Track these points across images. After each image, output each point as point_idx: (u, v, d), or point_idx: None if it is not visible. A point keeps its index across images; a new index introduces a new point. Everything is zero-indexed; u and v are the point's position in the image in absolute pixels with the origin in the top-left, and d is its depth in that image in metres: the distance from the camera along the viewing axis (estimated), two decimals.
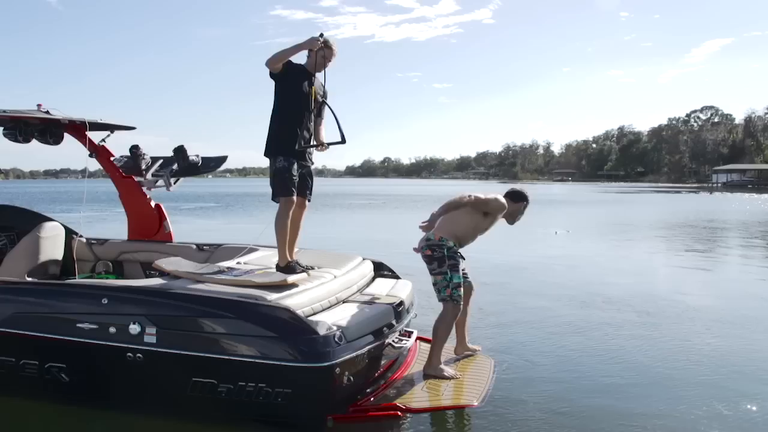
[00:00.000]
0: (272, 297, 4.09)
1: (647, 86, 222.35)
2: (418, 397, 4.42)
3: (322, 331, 3.89)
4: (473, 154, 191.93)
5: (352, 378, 4.03)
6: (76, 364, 4.28)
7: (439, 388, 4.59)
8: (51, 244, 6.15)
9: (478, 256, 6.12)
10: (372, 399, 4.31)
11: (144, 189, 6.88)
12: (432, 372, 4.80)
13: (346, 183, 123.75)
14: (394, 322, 4.63)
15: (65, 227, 6.48)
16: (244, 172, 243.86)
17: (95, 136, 6.77)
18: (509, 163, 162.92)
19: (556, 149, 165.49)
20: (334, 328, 3.98)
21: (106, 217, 21.60)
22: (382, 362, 4.58)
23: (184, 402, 4.10)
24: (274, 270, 4.74)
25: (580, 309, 8.01)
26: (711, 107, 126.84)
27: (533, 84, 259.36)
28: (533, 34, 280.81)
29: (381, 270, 5.87)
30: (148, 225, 6.91)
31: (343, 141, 4.86)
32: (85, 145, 6.60)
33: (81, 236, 6.63)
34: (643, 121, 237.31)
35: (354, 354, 4.02)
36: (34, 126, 6.05)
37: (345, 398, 4.13)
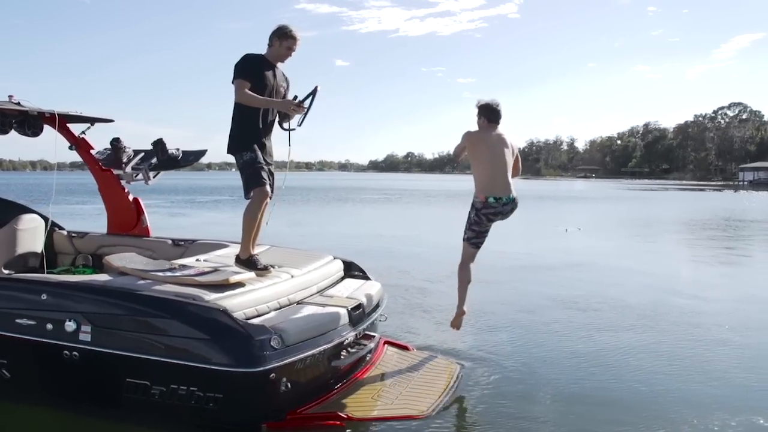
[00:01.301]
0: (211, 297, 3.91)
1: (674, 82, 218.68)
2: (367, 405, 4.22)
3: (256, 335, 3.72)
4: None
5: (291, 384, 3.85)
6: (17, 360, 4.17)
7: (393, 396, 4.39)
8: (29, 237, 6.08)
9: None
10: (316, 406, 4.11)
11: (123, 182, 6.81)
12: None
13: (367, 177, 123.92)
14: (348, 325, 4.43)
15: (47, 219, 6.37)
16: None
17: (76, 129, 6.69)
18: (532, 159, 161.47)
19: (580, 145, 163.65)
20: (272, 331, 3.80)
21: (80, 211, 21.65)
22: (337, 367, 4.37)
23: (120, 403, 3.96)
24: (233, 267, 4.59)
25: (571, 312, 7.62)
26: (739, 104, 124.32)
27: (558, 79, 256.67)
28: (558, 29, 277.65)
29: (351, 270, 5.68)
30: (126, 219, 6.86)
31: (299, 124, 4.85)
32: (66, 138, 6.58)
33: (63, 229, 6.57)
34: (669, 117, 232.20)
35: (293, 359, 3.83)
36: (12, 117, 5.96)
37: (284, 405, 3.93)
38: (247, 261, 4.55)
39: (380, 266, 10.86)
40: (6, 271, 5.44)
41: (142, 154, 6.92)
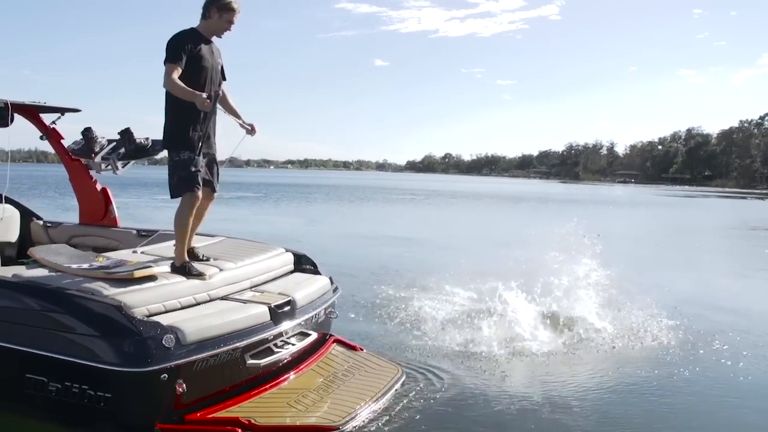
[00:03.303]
0: (110, 292, 3.70)
1: (719, 87, 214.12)
2: (278, 411, 3.94)
3: (147, 333, 3.49)
4: (535, 153, 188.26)
5: (189, 386, 3.60)
6: None
7: (310, 402, 4.11)
8: (3, 227, 6.03)
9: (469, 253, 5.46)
10: (222, 410, 3.85)
11: (92, 172, 6.72)
12: None
13: (402, 178, 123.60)
14: (270, 324, 4.17)
15: (24, 209, 6.40)
16: (305, 164, 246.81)
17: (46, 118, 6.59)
18: (571, 163, 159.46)
19: (620, 150, 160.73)
20: (167, 329, 3.56)
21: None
22: (254, 367, 4.10)
23: (23, 400, 3.81)
24: (164, 260, 4.39)
25: (551, 328, 7.00)
26: None
27: (599, 82, 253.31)
28: (600, 31, 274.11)
29: (301, 264, 5.43)
30: (95, 209, 6.78)
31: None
32: (38, 128, 6.51)
33: (40, 219, 6.52)
34: (713, 123, 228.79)
35: (190, 359, 3.59)
36: None
37: (182, 407, 3.69)
38: (181, 268, 4.28)
39: (365, 264, 10.69)
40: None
41: (114, 144, 6.82)
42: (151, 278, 3.99)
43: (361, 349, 5.26)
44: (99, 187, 6.71)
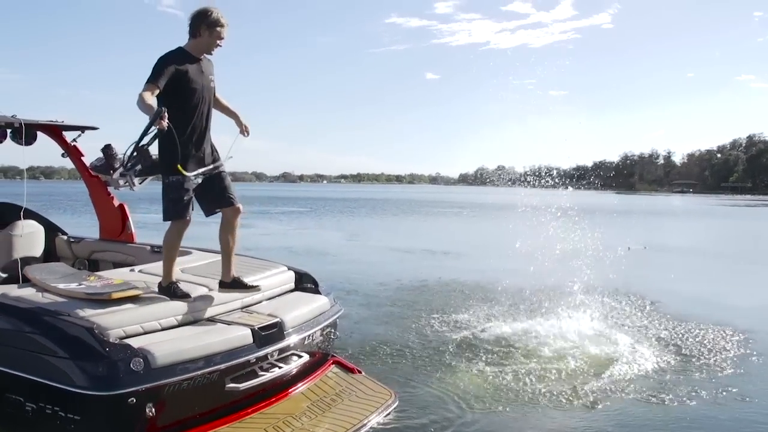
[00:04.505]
0: (86, 313, 3.69)
1: None
2: None
3: (114, 356, 3.46)
4: (589, 164, 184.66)
5: (158, 410, 3.55)
6: None
7: (288, 430, 4.00)
8: (27, 241, 6.20)
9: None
10: None
11: (111, 189, 6.85)
12: None
13: (453, 191, 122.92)
14: (253, 346, 4.08)
15: (50, 224, 6.55)
16: (358, 178, 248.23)
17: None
18: (627, 174, 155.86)
19: (677, 159, 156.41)
20: (137, 353, 3.51)
21: None
22: (233, 391, 4.01)
23: (4, 418, 3.80)
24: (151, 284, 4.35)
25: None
26: None
27: (654, 90, 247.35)
28: (655, 38, 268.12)
29: (303, 282, 5.34)
30: (113, 225, 6.90)
31: None
32: (60, 145, 6.65)
33: (65, 234, 6.66)
34: None
35: (160, 383, 3.53)
36: (8, 126, 6.08)
37: (157, 430, 3.62)
38: (167, 288, 4.25)
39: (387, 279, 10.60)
40: (4, 275, 5.47)
41: (134, 160, 6.93)
42: (133, 299, 3.97)
43: (359, 372, 5.13)
44: (116, 203, 6.82)
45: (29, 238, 6.13)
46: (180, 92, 4.16)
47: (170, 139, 4.12)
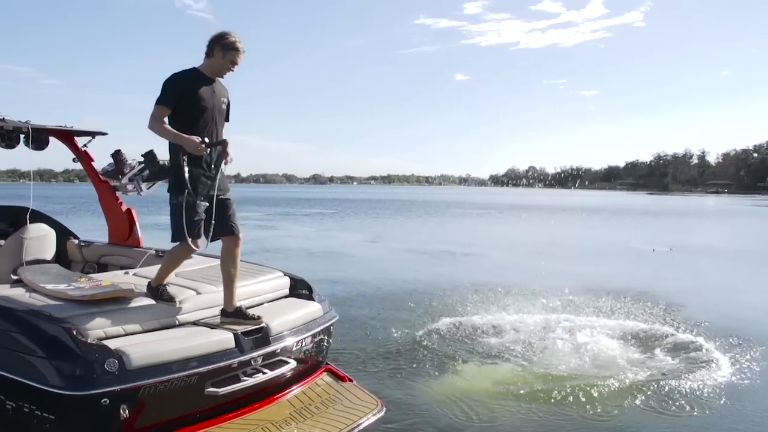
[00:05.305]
0: (66, 314, 3.72)
1: None
2: None
3: (89, 356, 3.46)
4: (622, 164, 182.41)
5: (132, 412, 3.55)
6: None
7: None
8: (38, 245, 6.23)
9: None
10: None
11: (119, 193, 6.93)
12: None
13: (482, 192, 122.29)
14: (235, 351, 4.06)
15: (62, 228, 6.61)
16: (388, 180, 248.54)
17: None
18: (660, 174, 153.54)
19: (712, 159, 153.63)
20: (112, 353, 3.53)
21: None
22: (213, 396, 3.99)
23: None
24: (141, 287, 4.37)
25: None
26: None
27: (687, 89, 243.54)
28: (688, 35, 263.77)
29: (297, 288, 5.32)
30: (121, 229, 6.99)
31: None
32: (71, 150, 6.78)
33: (76, 238, 6.74)
34: None
35: (135, 384, 3.54)
36: (17, 131, 6.19)
37: None
38: (155, 290, 4.27)
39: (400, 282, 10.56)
40: (15, 277, 5.57)
41: (141, 166, 7.00)
42: (117, 301, 3.99)
43: (350, 380, 5.08)
44: (124, 207, 6.90)
45: (41, 241, 6.18)
46: (190, 112, 4.15)
47: (180, 158, 4.10)
